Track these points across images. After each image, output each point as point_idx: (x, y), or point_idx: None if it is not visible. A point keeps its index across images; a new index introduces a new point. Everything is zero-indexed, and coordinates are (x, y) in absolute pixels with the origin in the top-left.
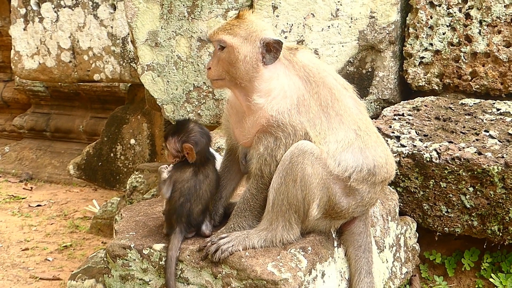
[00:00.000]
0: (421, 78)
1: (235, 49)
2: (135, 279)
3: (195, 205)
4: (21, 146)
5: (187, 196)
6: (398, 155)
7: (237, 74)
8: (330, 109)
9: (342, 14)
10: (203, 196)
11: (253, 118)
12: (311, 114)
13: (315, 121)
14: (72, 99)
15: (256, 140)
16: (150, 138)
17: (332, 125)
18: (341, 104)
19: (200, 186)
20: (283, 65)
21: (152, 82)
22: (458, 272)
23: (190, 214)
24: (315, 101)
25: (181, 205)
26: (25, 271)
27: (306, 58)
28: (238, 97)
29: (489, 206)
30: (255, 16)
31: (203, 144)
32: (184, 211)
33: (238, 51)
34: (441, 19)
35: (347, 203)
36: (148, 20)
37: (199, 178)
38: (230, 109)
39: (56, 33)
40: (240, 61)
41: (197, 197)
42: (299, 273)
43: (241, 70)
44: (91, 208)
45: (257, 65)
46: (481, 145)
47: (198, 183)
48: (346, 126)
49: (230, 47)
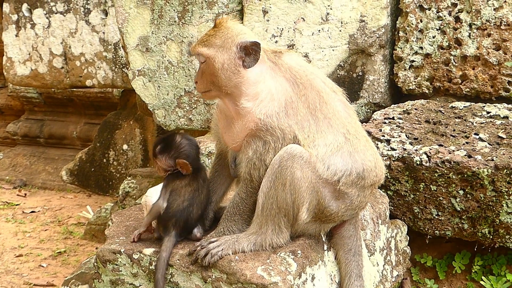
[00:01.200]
0: (412, 82)
1: (211, 60)
2: (125, 284)
3: (196, 210)
4: (15, 152)
5: (191, 201)
6: (389, 158)
7: (220, 82)
8: (318, 112)
9: (332, 18)
10: (203, 201)
11: (242, 123)
12: (299, 116)
13: (303, 123)
14: (66, 105)
15: (245, 144)
16: (142, 143)
17: (320, 128)
18: (329, 107)
19: (202, 190)
20: (269, 67)
21: (143, 87)
22: (449, 275)
23: (189, 219)
24: (303, 104)
25: (184, 209)
26: (19, 278)
27: (292, 61)
28: (227, 103)
29: (479, 209)
30: (232, 22)
31: (194, 155)
32: (185, 215)
33: (214, 61)
34: (431, 23)
35: (336, 206)
36: (138, 25)
37: (200, 183)
38: (219, 114)
39: (48, 39)
40: (219, 70)
41: (199, 202)
42: (289, 277)
43: (222, 78)
44: (85, 214)
45: (238, 70)
46: (471, 148)
47: (200, 187)
48: (335, 130)
49: (208, 58)
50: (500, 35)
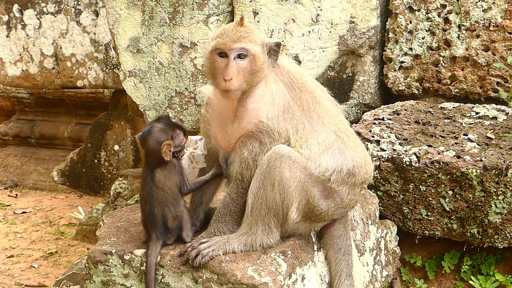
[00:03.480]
0: (401, 83)
1: (256, 57)
2: (116, 284)
3: (163, 208)
4: (6, 153)
5: (150, 203)
6: (378, 159)
7: (254, 81)
8: (312, 113)
9: (322, 20)
10: (162, 201)
11: (241, 123)
12: (294, 120)
13: (298, 126)
14: (57, 105)
15: (240, 144)
16: (133, 144)
17: (314, 128)
18: (322, 107)
19: (156, 191)
20: (272, 71)
21: (134, 88)
22: (438, 274)
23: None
24: (298, 107)
25: (150, 212)
26: (10, 278)
27: (289, 64)
28: (233, 102)
29: (468, 209)
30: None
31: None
32: (156, 216)
33: (259, 59)
34: (420, 24)
35: (326, 205)
36: (129, 26)
37: (149, 184)
38: (212, 113)
39: (39, 40)
40: (260, 69)
41: (159, 203)
42: (279, 277)
43: (258, 76)
44: (76, 214)
45: (264, 69)
46: (460, 149)
47: (152, 188)
48: (328, 128)
49: (252, 55)
50: (489, 36)
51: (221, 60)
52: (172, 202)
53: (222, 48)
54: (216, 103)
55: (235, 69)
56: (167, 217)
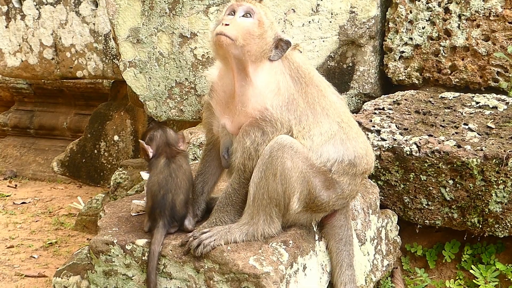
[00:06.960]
0: (401, 72)
1: (261, 24)
2: (118, 274)
3: (175, 196)
4: (5, 143)
5: (166, 188)
6: (379, 148)
7: (252, 49)
8: (317, 105)
9: (322, 9)
10: (181, 186)
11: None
12: (298, 111)
13: (302, 117)
14: (56, 96)
15: (243, 133)
16: (133, 134)
17: (318, 119)
18: (327, 100)
19: (176, 175)
20: (281, 62)
21: (134, 79)
22: (439, 264)
23: (173, 206)
24: (303, 100)
25: (163, 198)
26: (10, 269)
27: (300, 59)
28: (235, 75)
29: (468, 199)
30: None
31: (159, 141)
32: (167, 203)
33: (263, 28)
34: (420, 14)
35: (327, 196)
36: (129, 16)
37: (172, 169)
38: (216, 97)
39: (38, 30)
40: (259, 38)
41: (177, 187)
42: (281, 267)
43: (255, 45)
44: (76, 205)
45: (265, 53)
46: (461, 138)
47: (172, 172)
48: (331, 119)
49: (258, 20)
50: (489, 26)
51: (229, 17)
52: (185, 190)
53: (232, 6)
54: (219, 84)
55: (237, 21)
56: (178, 203)
